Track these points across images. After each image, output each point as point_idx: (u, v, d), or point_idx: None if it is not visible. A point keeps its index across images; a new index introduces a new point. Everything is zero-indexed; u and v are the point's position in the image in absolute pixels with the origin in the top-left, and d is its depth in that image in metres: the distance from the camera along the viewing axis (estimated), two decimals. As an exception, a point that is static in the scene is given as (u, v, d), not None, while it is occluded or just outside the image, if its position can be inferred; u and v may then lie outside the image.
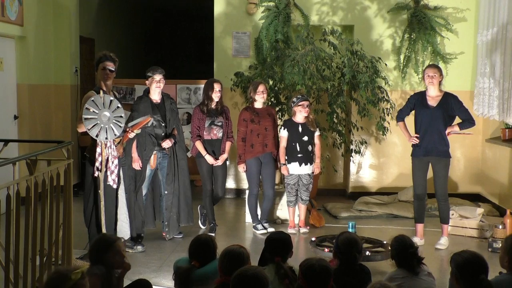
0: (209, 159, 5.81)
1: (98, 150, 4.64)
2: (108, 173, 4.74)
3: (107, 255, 3.34)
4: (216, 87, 5.84)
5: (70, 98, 7.91)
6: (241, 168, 6.04)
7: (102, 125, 4.51)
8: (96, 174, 4.70)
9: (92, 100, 4.51)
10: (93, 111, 4.49)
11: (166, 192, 5.60)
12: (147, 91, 5.56)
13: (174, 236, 5.74)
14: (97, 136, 4.53)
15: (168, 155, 5.56)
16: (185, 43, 14.92)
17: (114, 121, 4.54)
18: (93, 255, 3.37)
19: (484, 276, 2.90)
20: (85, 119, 4.48)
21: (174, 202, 5.62)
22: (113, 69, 5.04)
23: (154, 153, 5.44)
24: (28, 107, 7.21)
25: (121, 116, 4.58)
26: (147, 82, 5.49)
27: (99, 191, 4.73)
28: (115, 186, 4.85)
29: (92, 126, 4.50)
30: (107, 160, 4.69)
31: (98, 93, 4.89)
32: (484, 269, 2.92)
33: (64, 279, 2.64)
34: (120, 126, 4.58)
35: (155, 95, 5.50)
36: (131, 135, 5.03)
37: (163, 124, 5.49)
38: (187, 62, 14.64)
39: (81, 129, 4.78)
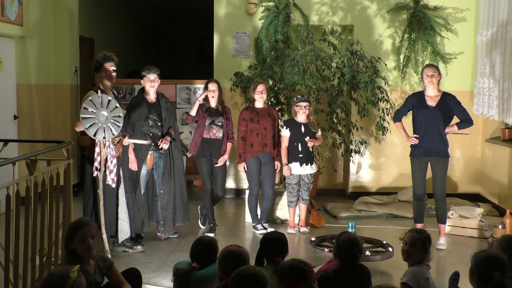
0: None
1: (97, 149, 4.65)
2: (107, 172, 4.74)
3: (72, 243, 3.19)
4: (210, 86, 5.86)
5: (70, 98, 7.90)
6: (242, 167, 6.04)
7: (100, 125, 4.52)
8: (95, 174, 4.71)
9: (90, 100, 4.52)
10: (91, 111, 4.50)
11: (161, 191, 5.59)
12: (142, 91, 5.56)
13: (169, 236, 5.73)
14: (94, 135, 4.54)
15: (164, 154, 5.56)
16: (185, 43, 14.92)
17: (112, 120, 4.55)
18: (64, 245, 3.26)
19: (499, 273, 2.86)
20: (83, 118, 4.48)
21: (170, 201, 5.61)
22: (116, 69, 5.06)
23: (150, 153, 5.43)
24: (27, 107, 7.21)
25: (119, 116, 4.59)
26: (142, 81, 5.49)
27: (98, 190, 4.74)
28: (114, 186, 4.86)
29: (90, 126, 4.51)
30: (106, 159, 4.70)
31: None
32: (502, 267, 2.87)
33: (62, 279, 2.62)
34: (118, 126, 4.59)
35: (151, 95, 5.50)
36: (125, 142, 5.11)
37: (159, 124, 5.48)
38: (187, 62, 14.65)
39: (79, 128, 4.79)
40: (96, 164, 4.66)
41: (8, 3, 6.53)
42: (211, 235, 5.66)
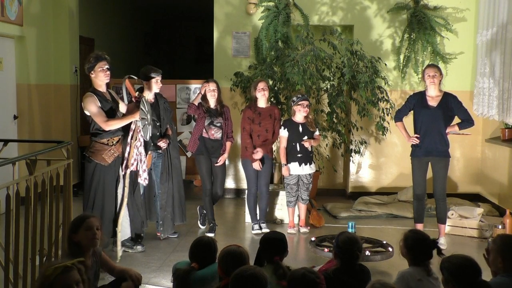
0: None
1: (128, 149, 4.92)
2: (141, 172, 5.01)
3: (77, 234, 3.33)
4: (210, 86, 5.86)
5: (69, 98, 7.91)
6: (259, 156, 5.90)
7: (146, 124, 4.95)
8: (124, 172, 4.92)
9: (144, 102, 4.92)
10: (145, 111, 4.93)
11: (160, 191, 5.60)
12: (141, 91, 5.53)
13: (169, 236, 5.73)
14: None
15: (162, 154, 5.57)
16: (185, 43, 14.93)
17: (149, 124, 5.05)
18: (68, 238, 3.37)
19: (481, 278, 2.89)
20: (142, 118, 4.89)
21: (169, 201, 5.62)
22: (109, 68, 5.01)
23: (149, 153, 5.44)
24: (27, 107, 7.21)
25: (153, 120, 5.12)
26: (146, 83, 5.45)
27: (125, 187, 4.93)
28: (145, 184, 5.20)
29: (143, 126, 4.92)
30: (139, 159, 4.99)
31: (95, 93, 4.89)
32: (479, 271, 2.91)
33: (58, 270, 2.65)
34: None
35: (152, 95, 5.50)
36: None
37: (158, 124, 5.49)
38: (187, 62, 14.66)
39: (109, 126, 4.86)
40: (129, 163, 4.91)
41: (8, 3, 6.53)
42: (211, 235, 5.66)
